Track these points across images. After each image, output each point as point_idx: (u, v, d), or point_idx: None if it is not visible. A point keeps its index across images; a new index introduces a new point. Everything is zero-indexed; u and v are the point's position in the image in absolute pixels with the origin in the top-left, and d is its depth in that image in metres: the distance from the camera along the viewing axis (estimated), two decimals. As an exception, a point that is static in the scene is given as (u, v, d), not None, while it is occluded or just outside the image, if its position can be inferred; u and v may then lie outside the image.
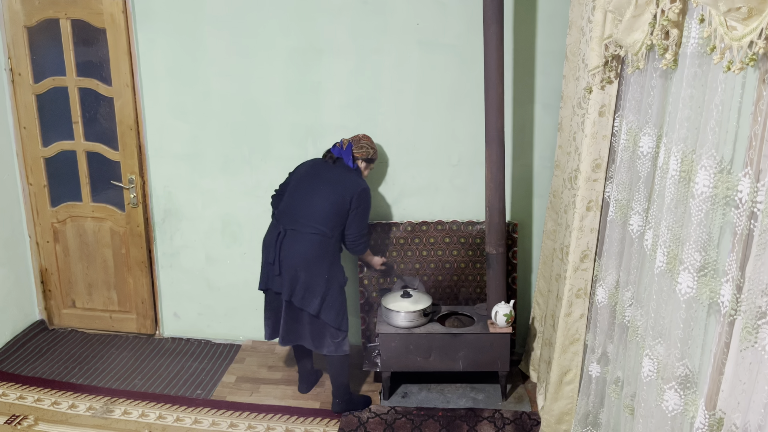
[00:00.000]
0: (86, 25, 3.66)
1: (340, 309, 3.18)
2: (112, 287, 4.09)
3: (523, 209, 3.74)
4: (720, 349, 1.58)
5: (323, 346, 3.20)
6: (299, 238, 3.12)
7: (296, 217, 3.16)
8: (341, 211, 3.14)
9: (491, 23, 3.04)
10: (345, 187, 3.16)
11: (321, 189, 3.18)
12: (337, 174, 3.23)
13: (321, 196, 3.16)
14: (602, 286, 2.52)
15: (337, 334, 3.18)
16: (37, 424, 3.25)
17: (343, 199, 3.14)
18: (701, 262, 1.68)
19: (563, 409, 3.01)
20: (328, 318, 3.14)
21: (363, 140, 3.35)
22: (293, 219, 3.16)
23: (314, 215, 3.13)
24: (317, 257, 3.10)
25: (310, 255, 3.10)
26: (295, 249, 3.11)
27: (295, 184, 3.27)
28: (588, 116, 2.61)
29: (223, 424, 3.28)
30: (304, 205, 3.16)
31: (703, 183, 1.63)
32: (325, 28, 3.52)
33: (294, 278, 3.09)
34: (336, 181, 3.19)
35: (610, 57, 2.40)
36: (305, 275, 3.09)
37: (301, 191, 3.21)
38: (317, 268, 3.10)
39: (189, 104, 3.73)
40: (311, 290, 3.10)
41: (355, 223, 3.19)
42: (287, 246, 3.12)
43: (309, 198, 3.18)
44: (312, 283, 3.09)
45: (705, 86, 1.66)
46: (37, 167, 3.94)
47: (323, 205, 3.13)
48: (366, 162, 3.34)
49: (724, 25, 1.45)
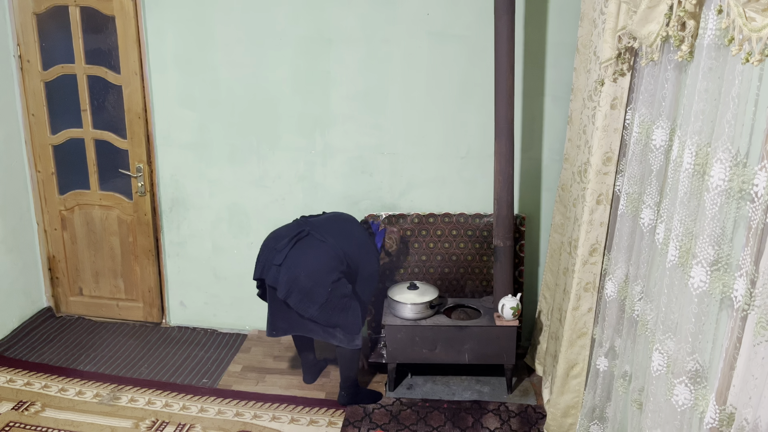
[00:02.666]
0: (95, 13, 3.65)
1: (342, 313, 3.11)
2: (119, 275, 4.10)
3: (532, 202, 3.72)
4: (732, 343, 1.57)
5: (333, 337, 3.18)
6: (317, 245, 3.10)
7: (323, 231, 3.18)
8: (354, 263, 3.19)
9: (502, 14, 3.01)
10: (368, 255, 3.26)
11: (354, 237, 3.26)
12: (368, 242, 3.31)
13: (350, 239, 3.23)
14: (611, 280, 2.50)
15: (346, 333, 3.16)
16: (44, 410, 3.27)
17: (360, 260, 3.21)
18: (714, 256, 1.66)
19: (569, 402, 3.01)
20: (328, 320, 3.11)
21: (395, 234, 3.54)
22: (321, 230, 3.18)
23: (339, 242, 3.15)
24: (326, 268, 3.06)
25: (321, 263, 3.06)
26: (309, 251, 3.08)
27: (332, 215, 3.44)
28: (599, 109, 2.58)
29: (229, 412, 3.29)
30: (334, 230, 3.23)
31: (717, 176, 1.61)
32: (334, 17, 3.50)
33: (293, 279, 3.03)
34: (362, 246, 3.26)
35: (623, 49, 2.38)
36: (307, 281, 3.03)
37: (336, 222, 3.33)
38: (322, 278, 3.05)
39: (197, 93, 3.72)
40: (311, 297, 3.04)
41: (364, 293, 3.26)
42: (304, 245, 3.10)
43: (341, 230, 3.26)
44: (313, 291, 3.04)
45: (721, 78, 1.64)
46: (45, 155, 3.95)
47: (350, 244, 3.20)
48: (383, 250, 3.52)
49: (742, 16, 1.43)
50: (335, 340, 3.18)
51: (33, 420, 3.19)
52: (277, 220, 3.77)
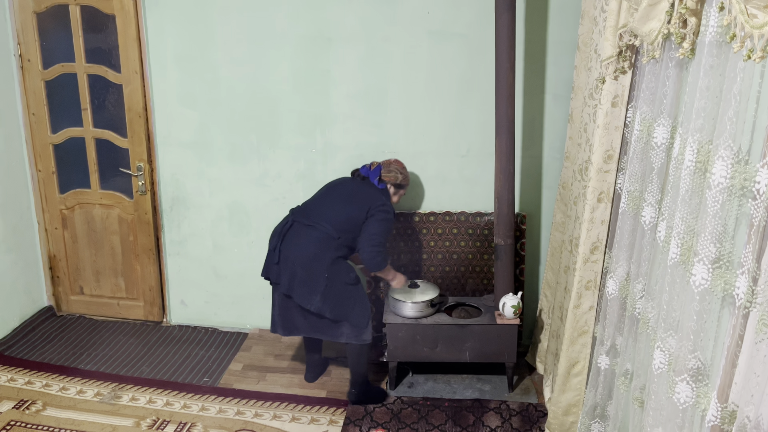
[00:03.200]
0: (95, 11, 3.64)
1: (347, 303, 3.12)
2: (119, 274, 4.10)
3: (532, 201, 3.72)
4: (734, 341, 1.57)
5: (340, 335, 3.17)
6: (303, 232, 3.12)
7: (308, 213, 3.19)
8: (354, 219, 3.13)
9: (503, 12, 3.01)
10: (364, 200, 3.17)
11: (340, 197, 3.23)
12: (359, 189, 3.25)
13: (338, 202, 3.20)
14: (613, 278, 2.50)
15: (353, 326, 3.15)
16: (45, 409, 3.27)
17: (360, 210, 3.14)
18: (716, 253, 1.66)
19: (570, 401, 3.01)
20: (335, 314, 3.10)
21: (393, 164, 3.33)
22: (305, 214, 3.19)
23: (324, 215, 3.14)
24: (315, 255, 3.07)
25: (309, 251, 3.07)
26: (295, 242, 3.11)
27: (319, 191, 3.36)
28: (600, 107, 2.58)
29: (230, 411, 3.29)
30: (318, 205, 3.22)
31: (719, 174, 1.61)
32: (334, 16, 3.50)
33: (292, 274, 3.08)
34: (356, 194, 3.22)
35: (624, 47, 2.38)
36: (302, 272, 3.06)
37: (321, 195, 3.30)
38: (315, 265, 3.06)
39: (197, 92, 3.72)
40: (309, 288, 3.06)
41: (366, 232, 3.12)
42: (290, 237, 3.13)
43: (325, 201, 3.24)
44: (310, 280, 3.06)
45: (723, 76, 1.63)
46: (45, 154, 3.95)
47: (336, 209, 3.16)
48: (395, 187, 3.32)
49: (744, 13, 1.42)
50: (344, 338, 3.18)
51: (34, 419, 3.19)
52: (278, 219, 3.77)
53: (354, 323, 3.14)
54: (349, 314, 3.13)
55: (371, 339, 3.20)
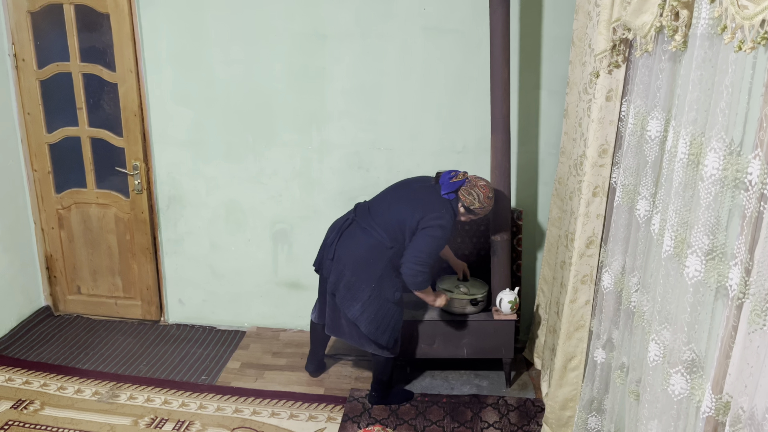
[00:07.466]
0: (90, 10, 3.64)
1: (382, 323, 3.05)
2: (116, 273, 4.10)
3: (528, 196, 3.72)
4: (727, 332, 1.57)
5: (369, 346, 3.15)
6: (359, 233, 3.04)
7: (367, 213, 3.11)
8: (404, 225, 2.97)
9: (497, 8, 3.01)
10: (420, 206, 2.96)
11: (399, 199, 3.06)
12: (421, 193, 3.02)
13: (395, 203, 3.04)
14: (608, 272, 2.51)
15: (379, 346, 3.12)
16: (43, 408, 3.27)
17: (412, 216, 2.95)
18: (709, 245, 1.66)
19: (567, 395, 3.01)
20: (368, 330, 3.04)
21: (478, 188, 2.95)
22: (366, 214, 3.11)
23: (381, 218, 3.03)
24: (366, 261, 2.99)
25: (361, 255, 3.00)
26: (349, 243, 3.04)
27: (388, 188, 3.22)
28: (594, 101, 2.58)
29: (228, 409, 3.29)
30: (380, 207, 3.09)
31: (712, 166, 1.61)
32: (329, 12, 3.49)
33: (341, 274, 3.03)
34: (415, 198, 3.01)
35: (617, 41, 2.38)
36: (350, 274, 3.00)
37: (385, 194, 3.17)
38: (363, 272, 2.99)
39: (193, 90, 3.71)
40: (353, 293, 3.00)
41: (412, 247, 2.92)
42: (346, 237, 3.08)
43: (385, 202, 3.10)
44: (355, 285, 2.99)
45: (715, 67, 1.63)
46: (41, 153, 3.94)
47: (392, 211, 3.01)
48: (466, 210, 3.00)
49: (735, 4, 1.42)
50: (370, 348, 3.15)
51: (32, 418, 3.19)
52: (274, 217, 3.78)
53: (381, 344, 3.11)
54: (380, 336, 3.07)
55: (398, 353, 3.20)
